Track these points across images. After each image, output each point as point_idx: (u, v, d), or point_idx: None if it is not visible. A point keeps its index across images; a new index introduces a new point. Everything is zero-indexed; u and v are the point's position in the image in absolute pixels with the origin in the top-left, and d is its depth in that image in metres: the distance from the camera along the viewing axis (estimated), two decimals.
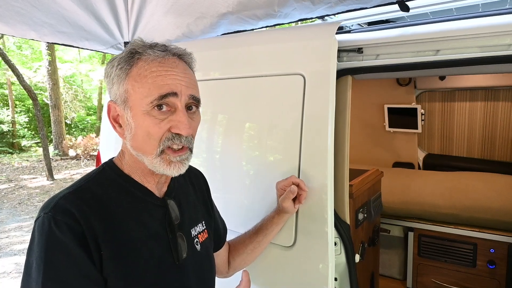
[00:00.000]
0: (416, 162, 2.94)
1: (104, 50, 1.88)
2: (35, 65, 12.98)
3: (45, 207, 0.71)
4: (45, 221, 0.68)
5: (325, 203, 1.15)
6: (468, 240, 2.12)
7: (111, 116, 0.80)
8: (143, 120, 0.75)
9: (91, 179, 0.79)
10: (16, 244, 4.80)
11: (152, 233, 0.80)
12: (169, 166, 0.77)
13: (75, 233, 0.68)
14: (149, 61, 0.75)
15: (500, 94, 2.60)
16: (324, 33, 1.23)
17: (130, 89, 0.76)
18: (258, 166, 1.34)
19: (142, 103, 0.74)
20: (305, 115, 1.21)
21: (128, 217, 0.77)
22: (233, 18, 1.53)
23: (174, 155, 0.77)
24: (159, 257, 0.79)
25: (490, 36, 1.10)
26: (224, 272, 1.15)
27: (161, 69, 0.75)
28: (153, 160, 0.77)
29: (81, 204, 0.72)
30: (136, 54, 0.77)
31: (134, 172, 0.82)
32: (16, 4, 1.40)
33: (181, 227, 0.87)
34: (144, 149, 0.77)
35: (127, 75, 0.76)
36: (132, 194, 0.80)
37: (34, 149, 13.35)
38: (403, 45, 1.23)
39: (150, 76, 0.74)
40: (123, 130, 0.79)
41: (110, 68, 0.79)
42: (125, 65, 0.77)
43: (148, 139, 0.75)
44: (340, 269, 1.35)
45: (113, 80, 0.78)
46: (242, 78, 1.38)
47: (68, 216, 0.69)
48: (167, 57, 0.77)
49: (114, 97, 0.79)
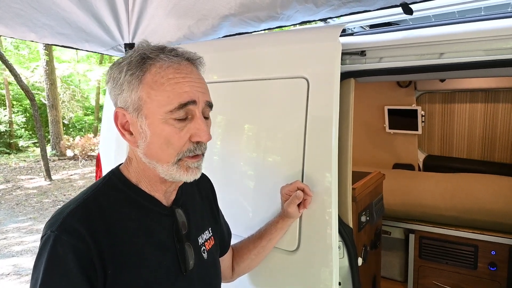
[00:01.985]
0: (416, 164, 2.94)
1: (104, 51, 1.86)
2: (33, 65, 12.91)
3: (52, 224, 0.69)
4: (50, 240, 0.67)
5: (329, 207, 1.14)
6: (469, 242, 2.12)
7: (119, 124, 0.77)
8: (161, 129, 0.73)
9: (98, 190, 0.77)
10: (14, 246, 4.77)
11: (159, 243, 0.79)
12: (186, 172, 0.76)
13: (80, 255, 0.66)
14: (164, 67, 0.73)
15: (500, 95, 2.60)
16: (328, 36, 1.22)
17: (145, 97, 0.73)
18: (262, 170, 1.33)
19: (160, 111, 0.72)
20: (309, 118, 1.20)
21: (135, 228, 0.76)
22: (235, 20, 1.52)
23: (192, 160, 0.76)
24: (166, 268, 0.78)
25: (494, 39, 1.09)
26: (228, 277, 1.15)
27: (178, 76, 0.73)
28: (169, 168, 0.75)
29: (88, 221, 0.70)
30: (147, 59, 0.73)
31: (142, 180, 0.80)
32: (15, 5, 1.38)
33: (188, 236, 0.86)
34: (159, 157, 0.75)
35: (140, 81, 0.73)
36: (139, 204, 0.79)
37: (32, 149, 13.29)
38: (406, 48, 1.23)
39: (168, 84, 0.72)
40: (134, 138, 0.76)
41: (118, 73, 0.74)
42: (136, 71, 0.73)
43: (167, 147, 0.74)
44: (343, 272, 1.35)
45: (122, 86, 0.74)
46: (245, 81, 1.38)
47: (75, 236, 0.67)
48: (182, 62, 0.75)
49: (123, 104, 0.75)
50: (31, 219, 5.98)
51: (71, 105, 14.18)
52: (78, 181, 8.63)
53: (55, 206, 6.69)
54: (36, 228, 5.52)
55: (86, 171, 9.68)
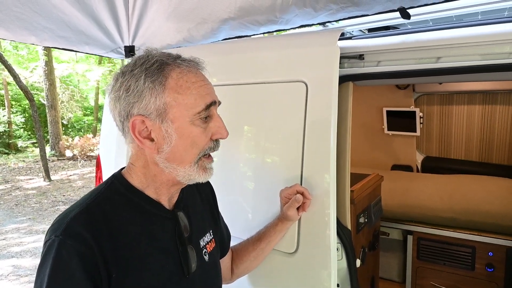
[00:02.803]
0: (414, 165, 2.96)
1: (104, 54, 1.87)
2: (32, 65, 12.91)
3: (56, 229, 0.70)
4: (55, 245, 0.67)
5: (327, 210, 1.15)
6: (467, 243, 2.13)
7: (137, 132, 0.75)
8: (190, 131, 0.76)
9: (101, 194, 0.78)
10: (14, 246, 4.77)
11: (162, 247, 0.80)
12: (204, 173, 0.81)
13: (85, 260, 0.67)
14: (185, 72, 0.76)
15: (498, 97, 2.62)
16: (327, 40, 1.23)
17: (171, 101, 0.74)
18: (262, 172, 1.34)
19: (188, 114, 0.75)
20: (308, 122, 1.21)
21: (138, 232, 0.77)
22: (234, 24, 1.53)
23: (208, 161, 0.82)
24: (169, 271, 0.79)
25: (490, 44, 1.11)
26: (228, 279, 1.16)
27: (199, 80, 0.78)
28: (190, 169, 0.79)
29: (92, 226, 0.71)
30: (166, 65, 0.75)
31: (149, 186, 0.81)
32: (16, 9, 1.39)
33: (190, 239, 0.87)
34: (183, 158, 0.77)
35: (164, 87, 0.74)
36: (142, 208, 0.80)
37: (31, 149, 13.28)
38: (404, 52, 1.24)
39: (193, 87, 0.76)
40: (155, 144, 0.76)
41: (134, 82, 0.74)
42: (158, 77, 0.74)
43: (191, 148, 0.77)
44: (342, 274, 1.36)
45: (142, 94, 0.73)
46: (244, 85, 1.39)
47: (79, 241, 0.68)
48: (196, 67, 0.80)
49: (143, 111, 0.74)
50: (30, 219, 5.98)
51: (70, 105, 14.17)
52: (77, 182, 8.63)
53: (54, 206, 6.70)
54: (35, 228, 5.52)
55: (85, 172, 9.68)
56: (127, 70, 0.76)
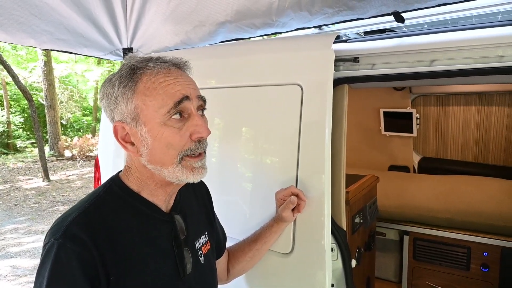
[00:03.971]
0: (411, 166, 2.98)
1: (103, 56, 1.89)
2: (31, 65, 12.88)
3: (55, 232, 0.70)
4: (54, 248, 0.68)
5: (322, 211, 1.17)
6: (462, 243, 2.15)
7: (120, 137, 0.78)
8: (161, 132, 0.75)
9: (99, 197, 0.79)
10: (13, 247, 4.78)
11: (159, 249, 0.81)
12: (192, 173, 0.78)
13: (84, 262, 0.68)
14: (154, 74, 0.76)
15: (494, 99, 2.64)
16: (322, 44, 1.25)
17: (140, 105, 0.75)
18: (257, 174, 1.36)
19: (158, 115, 0.74)
20: (303, 124, 1.23)
21: (136, 235, 0.78)
22: (231, 27, 1.55)
23: (195, 160, 0.78)
24: (166, 273, 0.80)
25: (482, 47, 1.12)
26: (224, 279, 1.17)
27: (168, 79, 0.76)
28: (175, 170, 0.77)
29: (91, 229, 0.71)
30: (137, 70, 0.76)
31: (144, 187, 0.82)
32: (15, 12, 1.41)
33: (186, 241, 0.88)
34: (163, 161, 0.76)
35: (134, 92, 0.75)
36: (140, 211, 0.81)
37: (30, 149, 13.27)
38: (398, 55, 1.26)
39: (160, 87, 0.75)
40: (136, 148, 0.78)
41: (110, 89, 0.77)
42: (129, 83, 0.75)
43: (168, 149, 0.75)
44: (337, 274, 1.38)
45: (116, 100, 0.76)
46: (240, 88, 1.40)
47: (79, 244, 0.68)
48: (170, 67, 0.78)
49: (121, 117, 0.77)
50: (29, 220, 5.98)
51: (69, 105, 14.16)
52: (76, 182, 8.64)
53: (53, 206, 6.70)
54: (34, 229, 5.53)
55: (84, 172, 9.68)
56: (108, 79, 0.79)
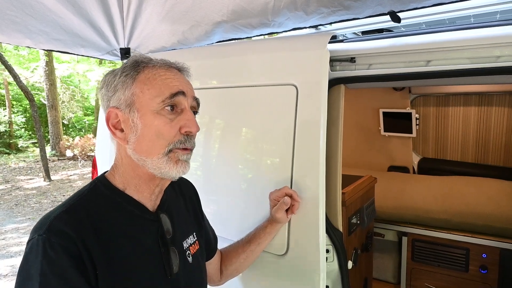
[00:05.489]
0: (411, 166, 2.97)
1: (100, 56, 1.88)
2: (32, 65, 12.92)
3: (38, 228, 0.70)
4: (39, 243, 0.68)
5: (317, 213, 1.16)
6: (461, 245, 2.14)
7: (111, 124, 0.80)
8: (152, 119, 0.77)
9: (84, 196, 0.79)
10: (13, 246, 4.79)
11: (145, 248, 0.81)
12: (175, 165, 0.79)
13: (70, 254, 0.68)
14: (156, 67, 0.81)
15: (494, 99, 2.63)
16: (317, 44, 1.24)
17: (138, 92, 0.78)
18: (252, 175, 1.36)
19: (153, 102, 0.77)
20: (298, 125, 1.22)
21: (121, 234, 0.78)
22: (227, 27, 1.54)
23: (183, 152, 0.80)
24: (152, 273, 0.80)
25: (479, 48, 1.12)
26: (216, 281, 1.17)
27: (168, 74, 0.81)
28: (159, 160, 0.78)
29: (75, 224, 0.71)
30: (141, 63, 0.81)
31: (129, 183, 0.82)
32: (11, 13, 1.41)
33: (173, 240, 0.88)
34: (150, 150, 0.78)
35: (134, 80, 0.79)
36: (125, 210, 0.81)
37: (31, 149, 13.31)
38: (394, 55, 1.25)
39: (159, 79, 0.79)
40: (124, 134, 0.79)
41: (112, 78, 0.80)
42: (131, 72, 0.79)
43: (157, 138, 0.77)
44: (333, 276, 1.37)
45: (116, 88, 0.79)
46: (235, 88, 1.40)
47: (63, 237, 0.68)
48: (172, 67, 0.84)
49: (116, 103, 0.79)
50: (30, 219, 6.00)
51: (70, 105, 14.20)
52: (77, 182, 8.66)
53: (54, 206, 6.67)
54: None
55: (86, 172, 9.70)
56: (111, 70, 0.82)
